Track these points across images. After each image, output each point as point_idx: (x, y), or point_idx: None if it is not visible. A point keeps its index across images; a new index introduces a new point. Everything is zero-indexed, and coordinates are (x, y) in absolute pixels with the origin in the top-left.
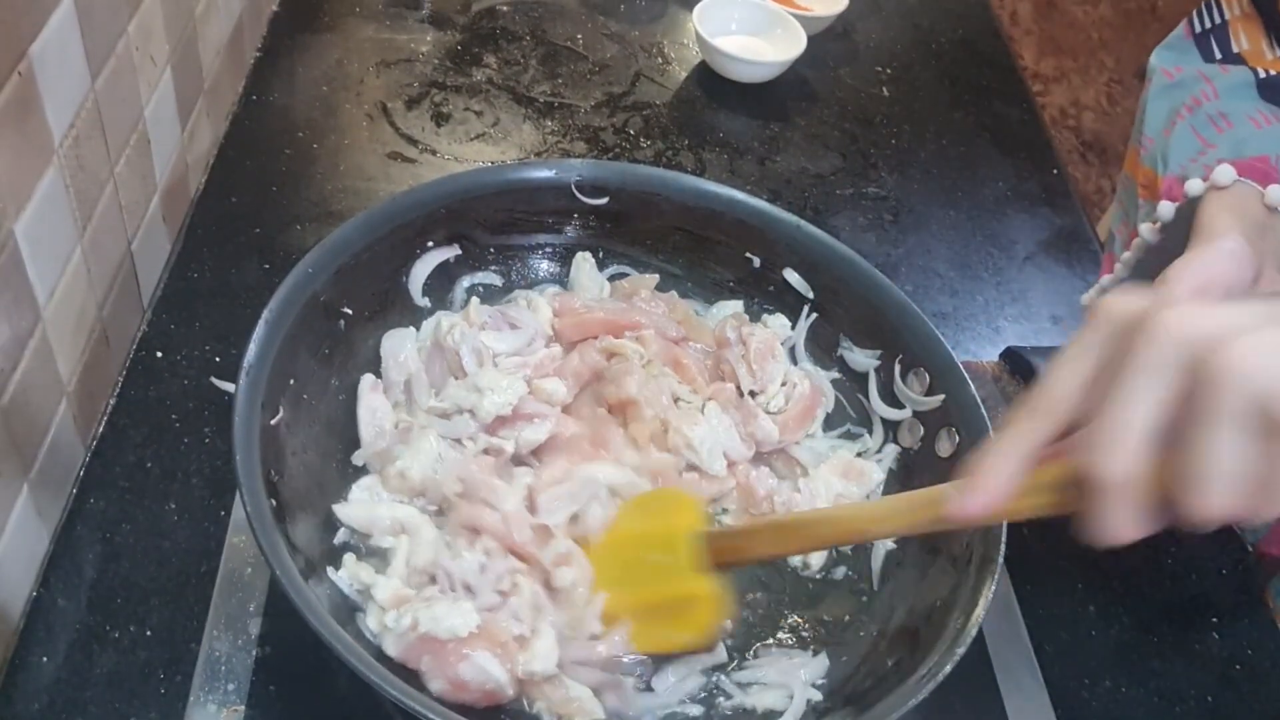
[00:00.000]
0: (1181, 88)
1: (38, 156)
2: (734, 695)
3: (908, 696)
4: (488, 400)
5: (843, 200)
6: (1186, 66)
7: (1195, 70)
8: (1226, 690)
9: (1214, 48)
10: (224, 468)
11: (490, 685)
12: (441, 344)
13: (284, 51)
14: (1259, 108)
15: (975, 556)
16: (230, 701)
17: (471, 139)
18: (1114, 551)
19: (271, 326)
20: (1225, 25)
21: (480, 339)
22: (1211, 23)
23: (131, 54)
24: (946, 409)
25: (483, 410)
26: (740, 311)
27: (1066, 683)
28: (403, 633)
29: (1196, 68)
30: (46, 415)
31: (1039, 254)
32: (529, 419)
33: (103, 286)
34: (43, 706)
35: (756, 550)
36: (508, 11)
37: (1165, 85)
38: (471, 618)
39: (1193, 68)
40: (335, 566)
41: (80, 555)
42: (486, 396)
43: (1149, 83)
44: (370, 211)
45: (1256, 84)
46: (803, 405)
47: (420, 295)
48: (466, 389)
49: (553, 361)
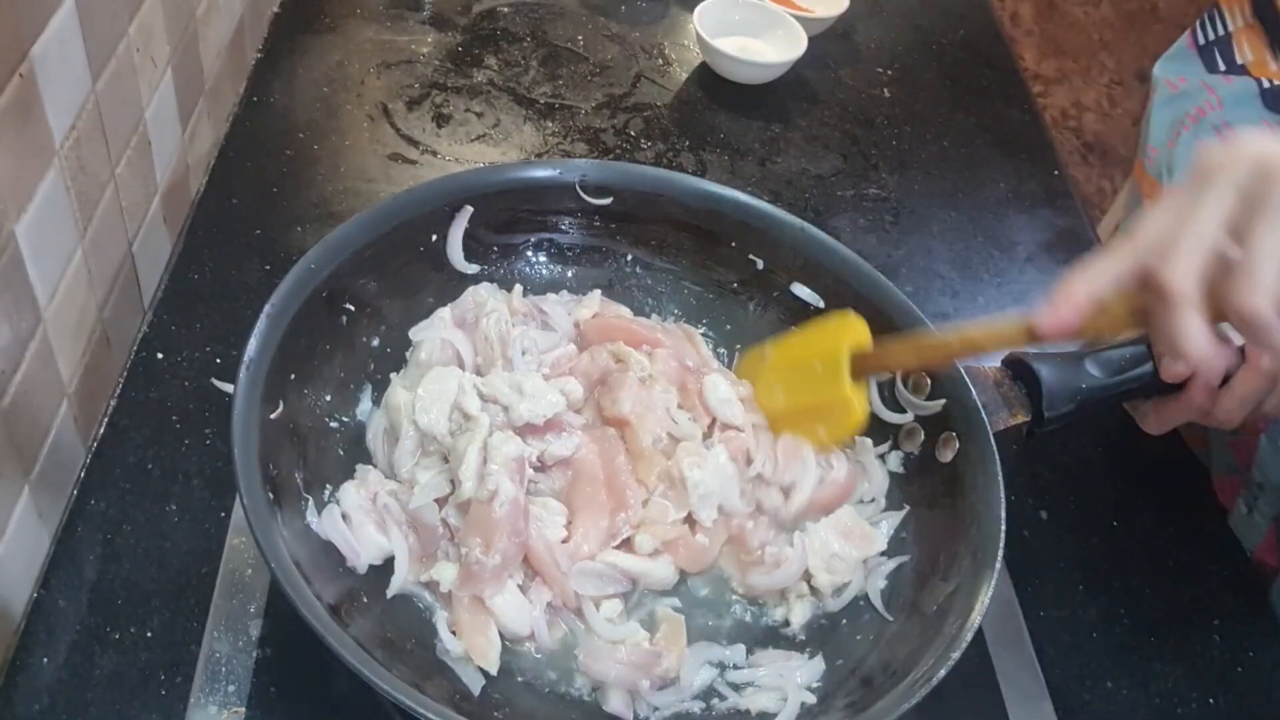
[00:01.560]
0: (1185, 98)
1: (38, 158)
2: (729, 697)
3: (902, 700)
4: (526, 405)
5: (843, 201)
6: (1190, 78)
7: (1199, 81)
8: (1227, 692)
9: (1218, 59)
10: (225, 469)
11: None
12: (475, 324)
13: (285, 53)
14: (1263, 117)
15: (973, 560)
16: (231, 703)
17: (472, 140)
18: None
19: (273, 321)
20: (1229, 36)
21: (527, 336)
22: (1215, 34)
23: (132, 55)
24: (947, 414)
25: (517, 412)
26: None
27: (1067, 684)
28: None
29: (1200, 79)
30: (47, 416)
31: (1040, 255)
32: (558, 432)
33: (103, 288)
34: (43, 708)
35: (893, 362)
36: (508, 13)
37: (1169, 96)
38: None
39: (1196, 79)
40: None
41: (81, 556)
42: (526, 401)
43: (1153, 94)
44: (374, 209)
45: (1260, 94)
46: (831, 493)
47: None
48: (509, 385)
49: (568, 360)
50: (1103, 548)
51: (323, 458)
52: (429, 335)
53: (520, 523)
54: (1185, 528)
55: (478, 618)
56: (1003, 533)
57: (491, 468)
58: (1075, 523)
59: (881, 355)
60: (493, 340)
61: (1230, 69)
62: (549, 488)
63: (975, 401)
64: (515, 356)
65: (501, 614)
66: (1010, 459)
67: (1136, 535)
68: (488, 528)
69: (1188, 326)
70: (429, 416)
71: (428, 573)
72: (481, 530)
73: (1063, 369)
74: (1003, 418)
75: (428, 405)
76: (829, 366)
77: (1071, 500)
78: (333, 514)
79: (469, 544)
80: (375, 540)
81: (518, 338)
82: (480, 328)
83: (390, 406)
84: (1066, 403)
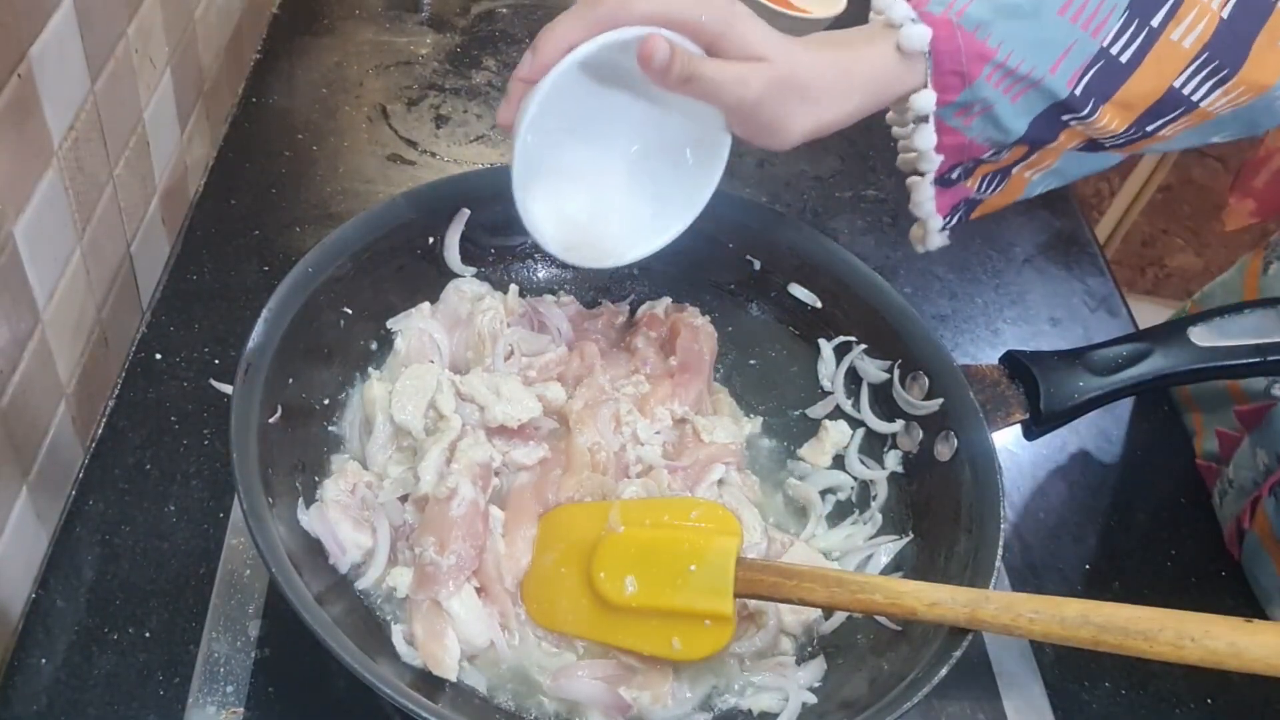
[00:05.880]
0: None
1: (37, 158)
2: (729, 698)
3: (902, 700)
4: (501, 407)
5: (842, 203)
6: None
7: None
8: (1225, 693)
9: None
10: (223, 469)
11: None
12: (468, 320)
13: (283, 54)
14: None
15: (972, 560)
16: (229, 703)
17: (471, 141)
18: (1114, 552)
19: (271, 325)
20: None
21: (514, 337)
22: None
23: (131, 56)
24: (945, 413)
25: (491, 413)
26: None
27: (1066, 685)
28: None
29: None
30: (45, 417)
31: (1037, 256)
32: (526, 439)
33: (102, 288)
34: (41, 708)
35: (794, 593)
36: (507, 14)
37: None
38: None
39: None
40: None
41: (79, 557)
42: (501, 404)
43: None
44: (372, 211)
45: None
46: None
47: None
48: (487, 386)
49: (558, 364)
50: (1102, 548)
51: (320, 459)
52: (406, 326)
53: (478, 527)
54: (1184, 528)
55: (435, 625)
56: (1002, 533)
57: (454, 468)
58: (1075, 523)
59: (774, 579)
60: (485, 337)
61: None
62: (498, 493)
63: (973, 400)
64: (497, 358)
65: (459, 620)
66: (1009, 458)
67: (1136, 535)
68: (443, 527)
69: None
70: (405, 413)
71: (384, 580)
72: (437, 529)
73: (1060, 368)
74: (1001, 416)
75: (404, 401)
76: (711, 574)
77: (1071, 500)
78: (319, 511)
79: (423, 543)
80: (353, 538)
81: (505, 338)
82: (475, 324)
83: (366, 400)
84: (1064, 401)
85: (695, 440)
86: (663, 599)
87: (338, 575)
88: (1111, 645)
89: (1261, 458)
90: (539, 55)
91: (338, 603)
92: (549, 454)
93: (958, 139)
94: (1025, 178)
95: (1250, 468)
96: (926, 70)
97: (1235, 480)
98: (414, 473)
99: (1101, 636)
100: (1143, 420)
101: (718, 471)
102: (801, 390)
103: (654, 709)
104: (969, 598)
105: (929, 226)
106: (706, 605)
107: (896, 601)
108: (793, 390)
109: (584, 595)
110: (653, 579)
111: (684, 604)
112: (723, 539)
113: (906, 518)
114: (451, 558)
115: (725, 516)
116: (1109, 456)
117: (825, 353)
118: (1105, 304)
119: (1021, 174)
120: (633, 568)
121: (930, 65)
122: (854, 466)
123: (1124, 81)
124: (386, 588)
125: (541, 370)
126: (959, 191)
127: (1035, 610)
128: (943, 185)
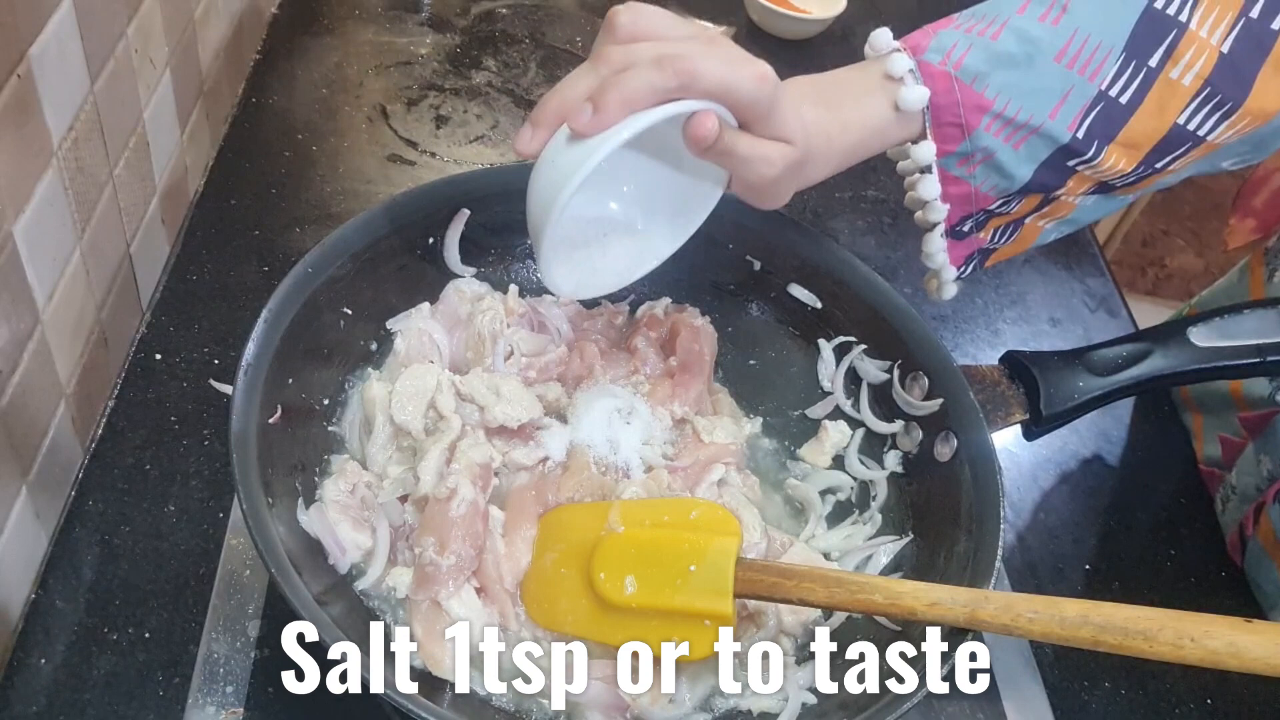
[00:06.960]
0: None
1: (36, 158)
2: (729, 697)
3: (902, 700)
4: (501, 408)
5: (842, 203)
6: None
7: None
8: (1226, 693)
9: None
10: (223, 470)
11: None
12: (468, 320)
13: (283, 54)
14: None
15: (972, 560)
16: (229, 703)
17: (471, 141)
18: (1113, 552)
19: (270, 325)
20: None
21: (514, 337)
22: None
23: (131, 56)
24: (945, 413)
25: (491, 413)
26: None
27: (1065, 685)
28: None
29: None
30: (45, 417)
31: (1037, 257)
32: (525, 440)
33: (102, 288)
34: (41, 709)
35: (793, 593)
36: (507, 14)
37: None
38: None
39: None
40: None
41: (79, 557)
42: (501, 404)
43: None
44: (372, 211)
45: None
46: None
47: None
48: (487, 387)
49: (558, 365)
50: (1102, 548)
51: (320, 460)
52: (406, 326)
53: (478, 527)
54: (1184, 528)
55: (435, 625)
56: (1002, 533)
57: (454, 468)
58: (1074, 523)
59: (774, 579)
60: (485, 337)
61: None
62: (498, 492)
63: (973, 400)
64: (497, 358)
65: (460, 621)
66: (1009, 458)
67: (1136, 535)
68: (443, 528)
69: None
70: (405, 413)
71: (384, 581)
72: (436, 530)
73: (1060, 367)
74: (1001, 417)
75: (404, 401)
76: (711, 574)
77: (1071, 500)
78: (319, 511)
79: (423, 543)
80: (353, 538)
81: (505, 338)
82: (475, 324)
83: (365, 400)
84: (1064, 401)
85: (695, 440)
86: (662, 599)
87: (337, 575)
88: (1111, 645)
89: (1266, 464)
90: (602, 113)
91: (338, 603)
92: (549, 454)
93: (963, 188)
94: (1039, 226)
95: (1254, 474)
96: (925, 123)
97: (1238, 487)
98: (414, 473)
99: (1101, 636)
100: (1143, 421)
101: (718, 472)
102: (801, 390)
103: (654, 709)
104: (968, 598)
105: (943, 277)
106: (706, 605)
107: (896, 601)
108: (793, 390)
109: (584, 595)
110: (652, 579)
111: (684, 604)
112: (722, 539)
113: (906, 518)
114: (451, 558)
115: (725, 517)
116: (1109, 457)
117: (825, 353)
118: (1105, 304)
119: (1035, 223)
120: (632, 568)
121: (929, 118)
122: (854, 467)
123: (1126, 122)
124: (386, 588)
125: (541, 370)
126: (972, 243)
127: (1035, 610)
128: (955, 238)
